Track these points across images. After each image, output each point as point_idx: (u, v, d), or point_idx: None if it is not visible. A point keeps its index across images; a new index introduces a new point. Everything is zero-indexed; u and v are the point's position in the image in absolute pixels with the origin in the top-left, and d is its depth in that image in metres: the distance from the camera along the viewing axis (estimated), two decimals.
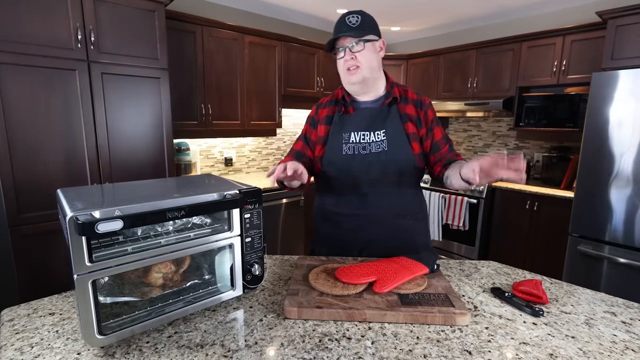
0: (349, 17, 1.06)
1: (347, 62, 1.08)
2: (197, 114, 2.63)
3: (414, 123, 1.13)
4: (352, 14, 1.07)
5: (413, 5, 3.00)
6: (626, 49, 2.22)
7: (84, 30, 1.86)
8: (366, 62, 1.07)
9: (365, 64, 1.07)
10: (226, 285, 0.88)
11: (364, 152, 1.11)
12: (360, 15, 1.07)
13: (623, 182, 2.05)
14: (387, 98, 1.14)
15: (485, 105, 3.06)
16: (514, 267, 1.10)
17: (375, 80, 1.13)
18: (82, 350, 0.69)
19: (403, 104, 1.15)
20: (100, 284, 0.74)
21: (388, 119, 1.12)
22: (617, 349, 0.71)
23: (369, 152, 1.11)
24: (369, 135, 1.11)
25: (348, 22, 1.06)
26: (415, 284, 0.88)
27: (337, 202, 1.16)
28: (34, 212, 1.82)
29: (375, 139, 1.11)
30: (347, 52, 1.07)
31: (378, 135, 1.11)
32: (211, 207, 0.78)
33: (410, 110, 1.14)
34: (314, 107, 1.24)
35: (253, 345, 0.71)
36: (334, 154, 1.13)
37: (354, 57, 1.07)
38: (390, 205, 1.13)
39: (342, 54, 1.09)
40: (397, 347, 0.70)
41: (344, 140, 1.12)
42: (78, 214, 0.63)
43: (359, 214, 1.13)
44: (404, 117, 1.13)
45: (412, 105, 1.15)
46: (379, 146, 1.11)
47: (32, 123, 1.77)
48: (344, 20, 1.06)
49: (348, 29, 1.05)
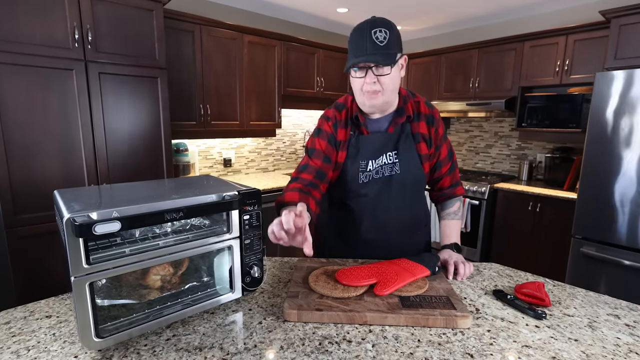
0: (376, 33, 0.91)
1: (368, 85, 0.95)
2: (195, 114, 2.63)
3: (427, 143, 1.09)
4: (378, 28, 0.91)
5: (414, 5, 2.99)
6: (630, 48, 2.20)
7: (81, 30, 1.85)
8: (390, 85, 0.97)
9: (389, 88, 0.97)
10: (225, 287, 0.87)
11: (377, 176, 1.07)
12: (388, 30, 0.92)
13: (627, 183, 2.03)
14: (400, 116, 1.07)
15: (487, 106, 3.04)
16: (516, 269, 1.09)
17: (393, 99, 1.05)
18: (80, 353, 0.69)
19: (416, 122, 1.09)
20: (97, 286, 0.73)
21: (400, 140, 1.07)
22: (620, 352, 0.70)
23: (382, 176, 1.07)
24: (381, 159, 1.07)
25: (375, 39, 0.91)
26: (417, 286, 0.87)
27: (349, 224, 1.14)
28: (31, 213, 1.82)
29: (387, 161, 1.07)
30: (370, 74, 0.94)
31: (390, 157, 1.07)
32: (210, 209, 0.78)
33: (423, 129, 1.09)
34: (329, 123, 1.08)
35: (252, 348, 0.70)
36: (349, 181, 1.08)
37: (376, 82, 0.95)
38: (403, 224, 1.13)
39: (362, 74, 0.95)
40: (398, 350, 0.69)
41: (360, 169, 1.07)
42: (75, 216, 0.62)
43: (370, 238, 1.12)
44: (417, 137, 1.08)
45: (425, 122, 1.09)
46: (391, 169, 1.07)
47: (28, 123, 1.76)
48: (370, 35, 0.91)
49: (374, 49, 0.91)
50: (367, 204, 1.10)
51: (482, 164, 3.62)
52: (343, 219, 1.15)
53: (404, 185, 1.09)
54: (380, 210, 1.10)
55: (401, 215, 1.12)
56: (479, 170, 3.62)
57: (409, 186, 1.10)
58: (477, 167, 3.66)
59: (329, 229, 1.20)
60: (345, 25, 3.69)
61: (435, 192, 1.22)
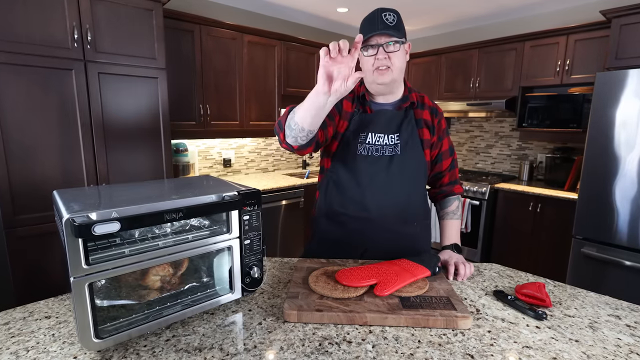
0: (386, 15, 1.00)
1: (380, 61, 1.02)
2: (195, 114, 2.62)
3: (429, 129, 1.13)
4: (388, 12, 1.01)
5: (414, 4, 2.99)
6: (631, 48, 2.20)
7: (80, 30, 1.85)
8: (398, 63, 1.03)
9: (397, 66, 1.03)
10: (225, 288, 0.87)
11: (376, 154, 1.09)
12: (396, 14, 1.02)
13: (628, 184, 2.03)
14: (404, 102, 1.13)
15: (488, 106, 3.04)
16: (517, 270, 1.09)
17: (399, 83, 1.12)
18: (79, 354, 0.68)
19: (419, 109, 1.14)
20: (97, 286, 0.73)
21: (404, 123, 1.11)
22: (621, 353, 0.69)
23: (382, 155, 1.09)
24: (383, 138, 1.10)
25: (385, 20, 1.00)
26: (417, 287, 0.87)
27: (344, 202, 1.14)
28: (30, 213, 1.81)
29: (388, 142, 1.10)
30: (381, 50, 1.01)
31: (392, 138, 1.10)
32: (209, 209, 0.77)
33: (427, 116, 1.14)
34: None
35: (252, 349, 0.70)
36: (347, 152, 1.11)
37: (387, 57, 1.02)
38: (398, 210, 1.12)
39: (374, 52, 1.02)
40: (398, 350, 0.69)
41: (360, 140, 1.10)
42: (75, 216, 0.62)
43: (366, 217, 1.12)
44: (420, 122, 1.13)
45: (428, 112, 1.15)
46: (392, 150, 1.09)
47: (28, 123, 1.76)
48: (381, 16, 1.00)
49: (385, 27, 0.99)
50: (364, 181, 1.10)
51: (482, 164, 3.62)
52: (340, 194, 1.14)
53: (404, 168, 1.10)
54: (377, 190, 1.10)
55: (398, 200, 1.11)
56: (479, 171, 3.61)
57: (409, 170, 1.10)
58: (477, 167, 3.66)
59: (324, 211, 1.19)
60: (345, 25, 3.69)
61: (434, 189, 1.24)
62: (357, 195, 1.11)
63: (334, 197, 1.16)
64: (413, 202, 1.14)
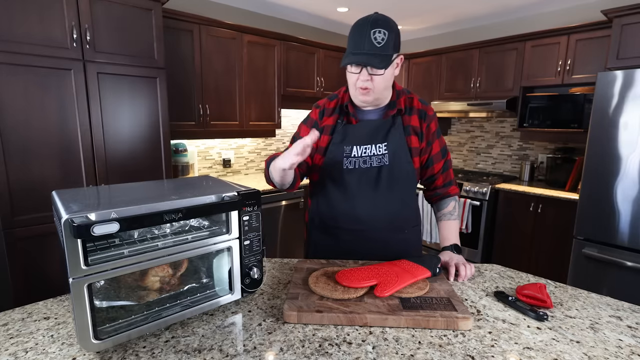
0: (375, 33, 0.93)
1: (362, 82, 0.99)
2: (194, 114, 2.62)
3: (418, 136, 1.10)
4: (378, 29, 0.93)
5: (414, 4, 2.98)
6: (632, 48, 2.20)
7: (79, 29, 1.85)
8: (382, 84, 1.00)
9: (380, 87, 1.00)
10: (224, 289, 0.86)
11: (364, 165, 1.08)
12: (387, 30, 0.94)
13: (629, 184, 2.02)
14: (391, 108, 1.09)
15: (489, 106, 3.04)
16: (518, 271, 1.09)
17: (385, 95, 1.07)
18: (78, 355, 0.68)
19: (407, 115, 1.10)
20: (96, 287, 0.72)
21: (391, 132, 1.07)
22: (622, 354, 0.69)
23: (370, 166, 1.07)
24: (370, 148, 1.07)
25: (373, 39, 0.93)
26: (417, 288, 0.87)
27: (335, 215, 1.13)
28: (29, 214, 1.81)
29: (376, 152, 1.07)
30: (364, 72, 0.97)
31: (379, 148, 1.07)
32: (209, 210, 0.77)
33: (415, 122, 1.10)
34: (317, 110, 1.14)
35: (252, 350, 0.69)
36: (334, 167, 1.09)
37: (369, 80, 0.98)
38: (389, 219, 1.11)
39: (357, 70, 0.98)
40: (398, 352, 0.69)
41: (345, 154, 1.08)
42: (73, 216, 0.61)
43: (357, 229, 1.11)
44: (408, 129, 1.09)
45: (417, 116, 1.10)
46: (380, 160, 1.07)
47: (26, 123, 1.76)
48: (369, 34, 0.93)
49: (371, 48, 0.93)
50: (353, 193, 1.09)
51: (483, 165, 3.61)
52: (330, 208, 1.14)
53: (392, 178, 1.08)
54: (367, 201, 1.09)
55: (388, 209, 1.10)
56: (480, 171, 3.61)
57: (398, 180, 1.09)
58: (478, 167, 3.65)
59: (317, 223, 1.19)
60: (345, 25, 3.68)
61: (429, 191, 1.22)
62: (348, 208, 1.11)
63: (324, 211, 1.16)
64: (403, 210, 1.14)
